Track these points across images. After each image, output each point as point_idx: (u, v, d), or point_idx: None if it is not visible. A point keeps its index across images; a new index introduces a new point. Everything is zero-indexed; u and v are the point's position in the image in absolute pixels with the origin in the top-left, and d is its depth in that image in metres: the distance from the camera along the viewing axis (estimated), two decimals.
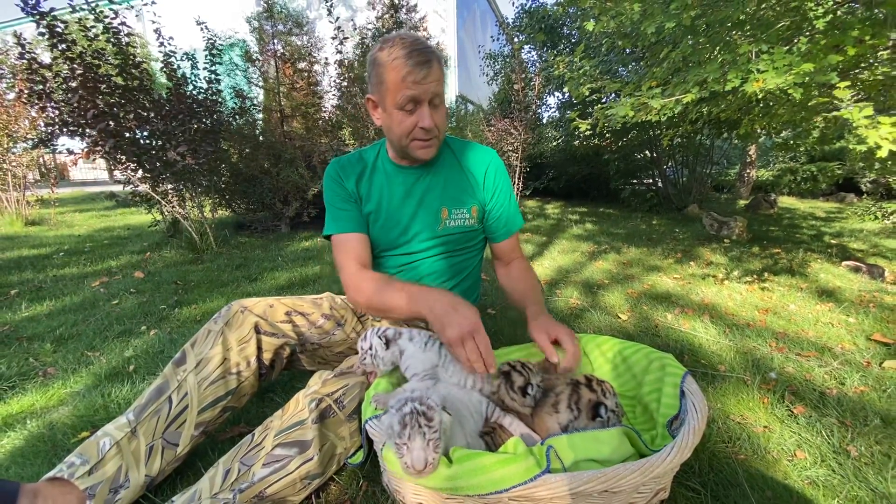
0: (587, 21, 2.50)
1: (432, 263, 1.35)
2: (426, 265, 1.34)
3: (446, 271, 1.37)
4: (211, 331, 1.11)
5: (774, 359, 1.59)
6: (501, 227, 1.35)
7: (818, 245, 3.87)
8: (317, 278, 2.69)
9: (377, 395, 0.95)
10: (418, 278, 1.36)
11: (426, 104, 1.09)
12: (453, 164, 1.31)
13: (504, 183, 1.34)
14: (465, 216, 1.30)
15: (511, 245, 1.39)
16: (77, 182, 13.42)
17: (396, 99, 1.08)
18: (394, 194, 1.28)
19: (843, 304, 2.21)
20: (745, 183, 8.56)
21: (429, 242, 1.30)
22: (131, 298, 2.33)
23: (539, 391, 0.99)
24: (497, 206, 1.33)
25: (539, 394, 0.99)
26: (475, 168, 1.31)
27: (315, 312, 1.32)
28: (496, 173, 1.33)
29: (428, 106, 1.10)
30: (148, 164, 3.22)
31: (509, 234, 1.37)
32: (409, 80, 1.04)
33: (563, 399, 0.95)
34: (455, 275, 1.40)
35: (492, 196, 1.33)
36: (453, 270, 1.38)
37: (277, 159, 4.61)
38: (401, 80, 1.05)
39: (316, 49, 5.66)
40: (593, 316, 2.04)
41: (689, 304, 2.24)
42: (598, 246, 3.76)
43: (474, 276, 1.49)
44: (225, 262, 3.13)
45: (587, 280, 2.68)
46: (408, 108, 1.09)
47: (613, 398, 0.95)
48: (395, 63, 1.04)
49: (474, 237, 1.36)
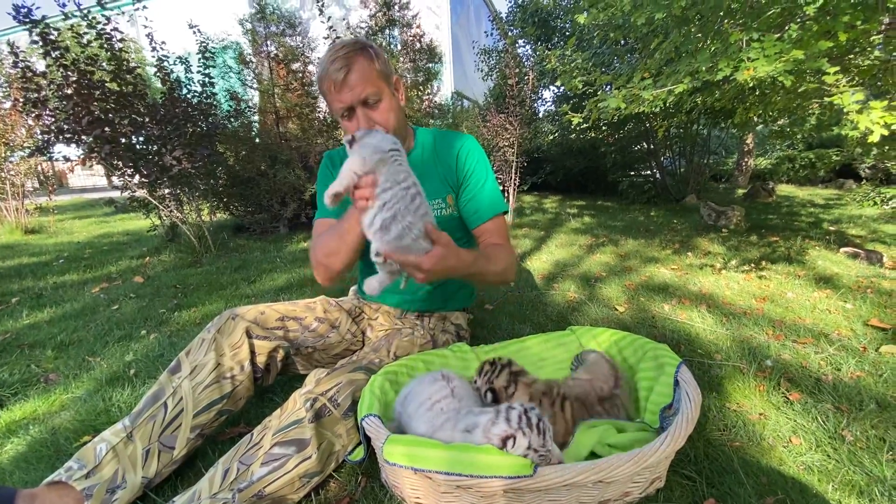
0: (579, 14, 2.49)
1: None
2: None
3: None
4: (204, 339, 1.12)
5: (771, 346, 1.59)
6: (472, 212, 1.28)
7: (816, 232, 3.86)
8: (315, 280, 2.69)
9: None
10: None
11: (359, 107, 1.10)
12: (429, 156, 1.31)
13: (476, 166, 1.28)
14: (442, 205, 1.30)
15: (485, 232, 1.28)
16: (76, 189, 13.42)
17: (335, 110, 1.13)
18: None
19: (841, 291, 2.21)
20: (743, 172, 8.54)
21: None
22: (131, 303, 2.34)
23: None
24: (468, 190, 1.28)
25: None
26: (448, 155, 1.30)
27: (308, 316, 1.33)
28: (468, 156, 1.29)
29: (361, 108, 1.10)
30: (145, 169, 3.22)
31: (481, 221, 1.27)
32: (334, 90, 1.09)
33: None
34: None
35: (463, 179, 1.29)
36: None
37: (274, 161, 4.61)
38: (330, 91, 1.10)
39: (310, 49, 5.64)
40: (591, 309, 2.05)
41: (686, 295, 2.24)
42: (595, 239, 3.76)
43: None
44: (224, 264, 3.14)
45: (585, 273, 2.69)
46: (347, 115, 1.13)
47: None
48: (323, 73, 1.09)
49: (457, 227, 1.35)
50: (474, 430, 0.81)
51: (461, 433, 0.82)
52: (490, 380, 1.02)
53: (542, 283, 2.50)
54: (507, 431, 0.76)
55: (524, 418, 0.77)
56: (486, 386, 1.02)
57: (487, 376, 1.03)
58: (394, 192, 0.88)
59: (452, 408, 0.90)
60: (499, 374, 1.03)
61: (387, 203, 0.88)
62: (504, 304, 2.11)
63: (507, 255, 1.23)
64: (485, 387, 1.02)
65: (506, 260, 1.21)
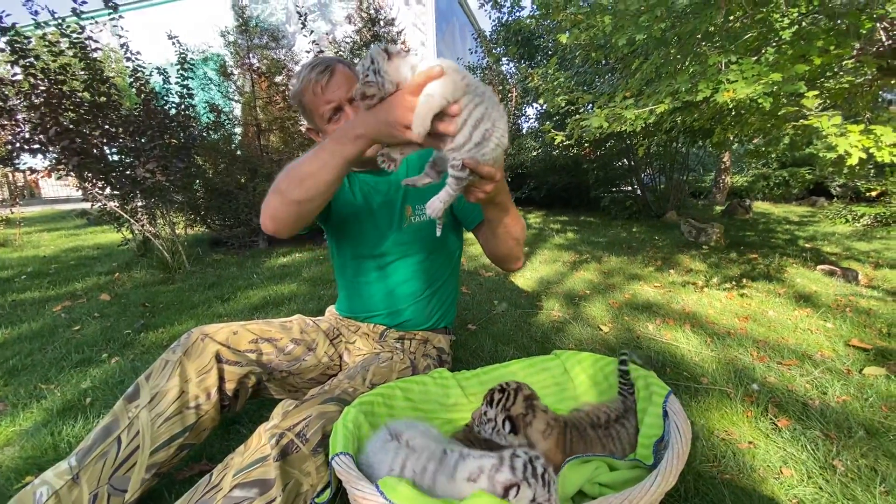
0: (561, 34, 2.51)
1: (404, 267, 1.31)
2: (398, 270, 1.31)
3: (419, 275, 1.34)
4: (168, 361, 1.03)
5: (756, 369, 1.57)
6: (471, 210, 1.24)
7: (793, 249, 3.94)
8: (293, 296, 2.60)
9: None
10: (392, 286, 1.32)
11: (347, 105, 1.10)
12: (415, 170, 1.28)
13: None
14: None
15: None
16: (49, 200, 12.99)
17: (321, 114, 1.10)
18: (356, 197, 1.27)
19: (821, 310, 2.23)
20: (720, 189, 8.75)
21: (395, 242, 1.27)
22: (94, 323, 2.21)
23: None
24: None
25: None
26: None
27: (284, 337, 1.25)
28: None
29: (349, 106, 1.10)
30: (116, 181, 3.10)
31: (482, 217, 1.22)
32: (318, 90, 1.08)
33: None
34: (431, 281, 1.37)
35: None
36: (427, 275, 1.34)
37: (254, 174, 4.53)
38: (314, 95, 1.09)
39: (293, 62, 5.61)
40: (575, 329, 2.01)
41: (670, 314, 2.23)
42: (579, 255, 3.76)
43: (451, 287, 1.45)
44: (197, 281, 3.02)
45: (569, 291, 2.66)
46: (335, 117, 1.11)
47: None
48: (305, 84, 1.09)
49: (444, 235, 1.31)
50: (479, 477, 0.73)
51: (466, 483, 0.74)
52: (507, 407, 0.94)
53: (525, 301, 2.46)
54: (512, 480, 0.70)
55: (529, 467, 0.71)
56: (502, 414, 0.94)
57: (502, 404, 0.95)
58: (485, 106, 0.81)
59: (424, 463, 0.81)
60: (514, 400, 0.95)
61: (483, 117, 0.80)
62: (487, 324, 2.06)
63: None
64: (501, 415, 0.93)
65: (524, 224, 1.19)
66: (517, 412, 0.94)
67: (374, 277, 1.35)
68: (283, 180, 0.94)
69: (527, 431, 0.94)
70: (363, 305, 1.38)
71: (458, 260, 1.48)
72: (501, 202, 1.03)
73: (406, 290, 1.35)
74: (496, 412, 0.94)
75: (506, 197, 1.02)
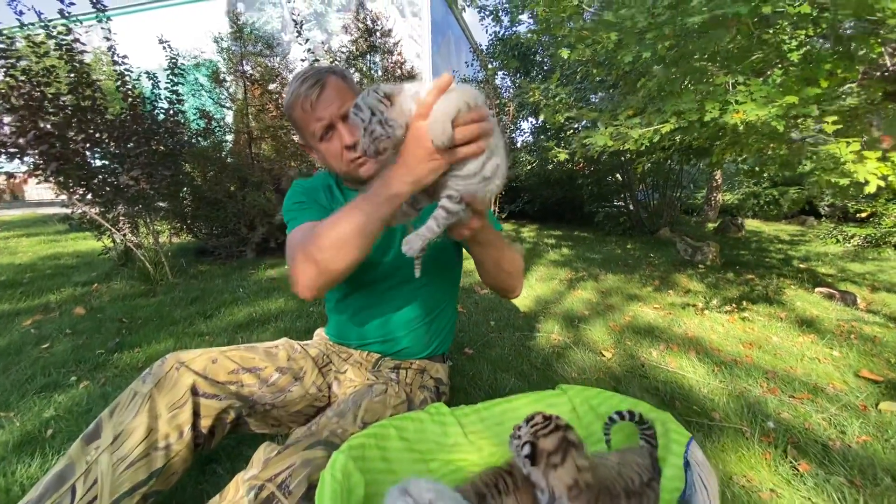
0: (562, 49, 2.47)
1: (402, 293, 1.21)
2: (396, 296, 1.21)
3: (418, 301, 1.24)
4: (137, 393, 0.92)
5: (769, 403, 1.49)
6: None
7: (789, 270, 3.92)
8: (280, 314, 2.48)
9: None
10: (389, 313, 1.23)
11: (340, 123, 1.00)
12: None
13: None
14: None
15: None
16: (33, 203, 12.67)
17: (312, 132, 1.02)
18: None
19: (825, 336, 2.17)
20: (712, 206, 8.81)
21: (394, 266, 1.17)
22: (65, 341, 2.07)
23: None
24: None
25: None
26: None
27: (268, 366, 1.14)
28: None
29: (342, 124, 1.01)
30: (97, 188, 2.98)
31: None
32: (308, 106, 0.99)
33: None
34: (431, 307, 1.27)
35: None
36: (427, 301, 1.24)
37: (244, 183, 4.41)
38: (304, 112, 1.01)
39: (287, 71, 5.53)
40: (577, 354, 1.93)
41: (673, 338, 2.16)
42: (575, 273, 3.69)
43: (451, 311, 1.36)
44: (180, 294, 2.89)
45: (567, 312, 2.58)
46: (327, 136, 1.02)
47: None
48: (294, 99, 1.01)
49: (445, 256, 1.22)
50: None
51: None
52: (536, 434, 0.83)
53: (523, 322, 2.37)
54: None
55: None
56: (527, 437, 0.82)
57: (535, 429, 0.84)
58: (496, 139, 0.74)
59: None
60: (549, 433, 0.83)
61: (494, 150, 0.73)
62: (484, 348, 1.97)
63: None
64: (526, 437, 0.82)
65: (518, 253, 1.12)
66: (544, 446, 0.83)
67: (369, 303, 1.25)
68: (314, 248, 0.84)
69: (548, 475, 0.84)
70: (356, 333, 1.28)
71: (458, 282, 1.40)
72: (486, 240, 0.97)
73: (404, 318, 1.25)
74: (526, 432, 0.83)
75: (491, 234, 0.96)
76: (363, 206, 0.80)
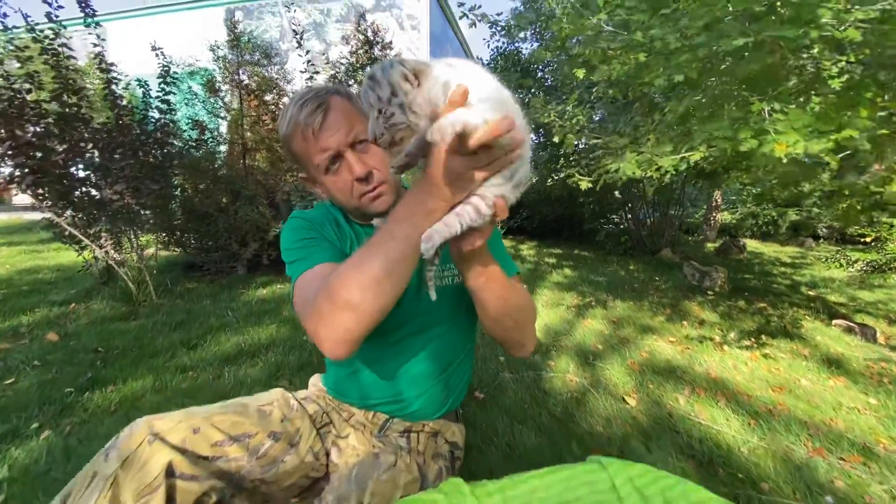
0: (577, 68, 2.35)
1: (417, 344, 1.04)
2: (409, 348, 1.03)
3: (436, 353, 1.06)
4: (97, 475, 0.73)
5: (819, 467, 1.34)
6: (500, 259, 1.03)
7: (798, 298, 3.81)
8: (271, 343, 2.30)
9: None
10: (400, 368, 1.05)
11: (349, 151, 0.85)
12: None
13: None
14: (454, 272, 1.00)
15: None
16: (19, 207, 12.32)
17: (316, 164, 0.87)
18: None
19: (857, 381, 2.04)
20: (711, 226, 8.76)
21: (409, 313, 0.99)
22: (32, 375, 1.87)
23: None
24: None
25: None
26: None
27: (259, 432, 0.95)
28: None
29: (351, 153, 0.86)
30: (78, 202, 2.79)
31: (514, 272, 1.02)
32: (310, 135, 0.84)
33: None
34: (450, 359, 1.09)
35: None
36: (445, 352, 1.07)
37: (237, 196, 4.23)
38: (305, 141, 0.86)
39: (285, 81, 5.40)
40: (598, 401, 1.76)
41: (696, 380, 2.00)
42: (582, 298, 3.54)
43: (469, 360, 1.19)
44: (164, 318, 2.69)
45: (580, 346, 2.42)
46: (333, 168, 0.87)
47: None
48: (293, 128, 0.86)
49: (467, 297, 1.05)
50: None
51: None
52: None
53: (535, 357, 2.21)
54: None
55: None
56: None
57: None
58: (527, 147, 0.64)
59: None
60: None
61: (525, 157, 0.64)
62: (497, 392, 1.80)
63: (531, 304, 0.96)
64: None
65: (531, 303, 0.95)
66: None
67: (375, 357, 1.07)
68: (346, 291, 0.68)
69: None
70: (359, 391, 1.10)
71: (476, 326, 1.21)
72: (488, 268, 0.81)
73: (417, 374, 1.06)
74: None
75: (490, 259, 0.80)
76: (397, 231, 0.67)
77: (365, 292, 0.67)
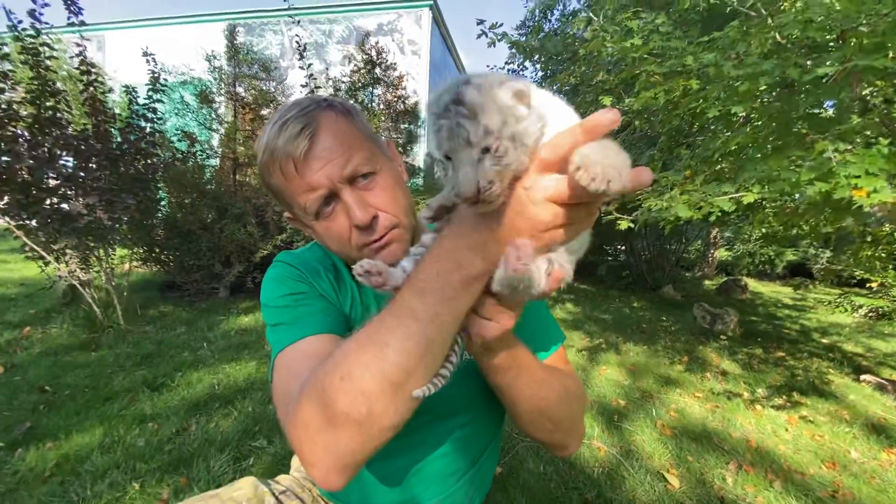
0: (603, 95, 2.18)
1: (436, 436, 0.76)
2: (427, 440, 0.75)
3: (460, 447, 0.77)
4: None
5: None
6: (543, 331, 0.76)
7: (814, 346, 3.64)
8: (249, 387, 1.99)
9: None
10: (414, 466, 0.77)
11: (346, 189, 0.60)
12: None
13: None
14: None
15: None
16: None
17: (303, 206, 0.62)
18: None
19: None
20: (708, 263, 8.67)
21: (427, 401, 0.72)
22: None
23: None
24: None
25: None
26: None
27: None
28: None
29: (350, 191, 0.60)
30: (41, 214, 2.49)
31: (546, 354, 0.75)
32: (291, 169, 0.59)
33: None
34: (476, 456, 0.81)
35: None
36: (471, 446, 0.79)
37: (223, 213, 3.96)
38: (285, 177, 0.61)
39: (283, 96, 5.22)
40: (634, 480, 1.49)
41: (737, 449, 1.75)
42: (590, 339, 3.30)
43: (496, 451, 0.91)
44: (129, 349, 2.37)
45: (601, 401, 2.16)
46: (325, 211, 0.62)
47: None
48: (268, 157, 0.61)
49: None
50: None
51: None
52: None
53: None
54: None
55: None
56: None
57: None
58: None
59: None
60: None
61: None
62: (516, 465, 1.52)
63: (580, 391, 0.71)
64: None
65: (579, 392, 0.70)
66: None
67: (384, 450, 0.79)
68: (347, 399, 0.44)
69: None
70: (362, 492, 0.81)
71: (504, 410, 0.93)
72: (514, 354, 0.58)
73: (437, 472, 0.78)
74: None
75: (518, 347, 0.59)
76: (429, 303, 0.45)
77: (374, 402, 0.44)
